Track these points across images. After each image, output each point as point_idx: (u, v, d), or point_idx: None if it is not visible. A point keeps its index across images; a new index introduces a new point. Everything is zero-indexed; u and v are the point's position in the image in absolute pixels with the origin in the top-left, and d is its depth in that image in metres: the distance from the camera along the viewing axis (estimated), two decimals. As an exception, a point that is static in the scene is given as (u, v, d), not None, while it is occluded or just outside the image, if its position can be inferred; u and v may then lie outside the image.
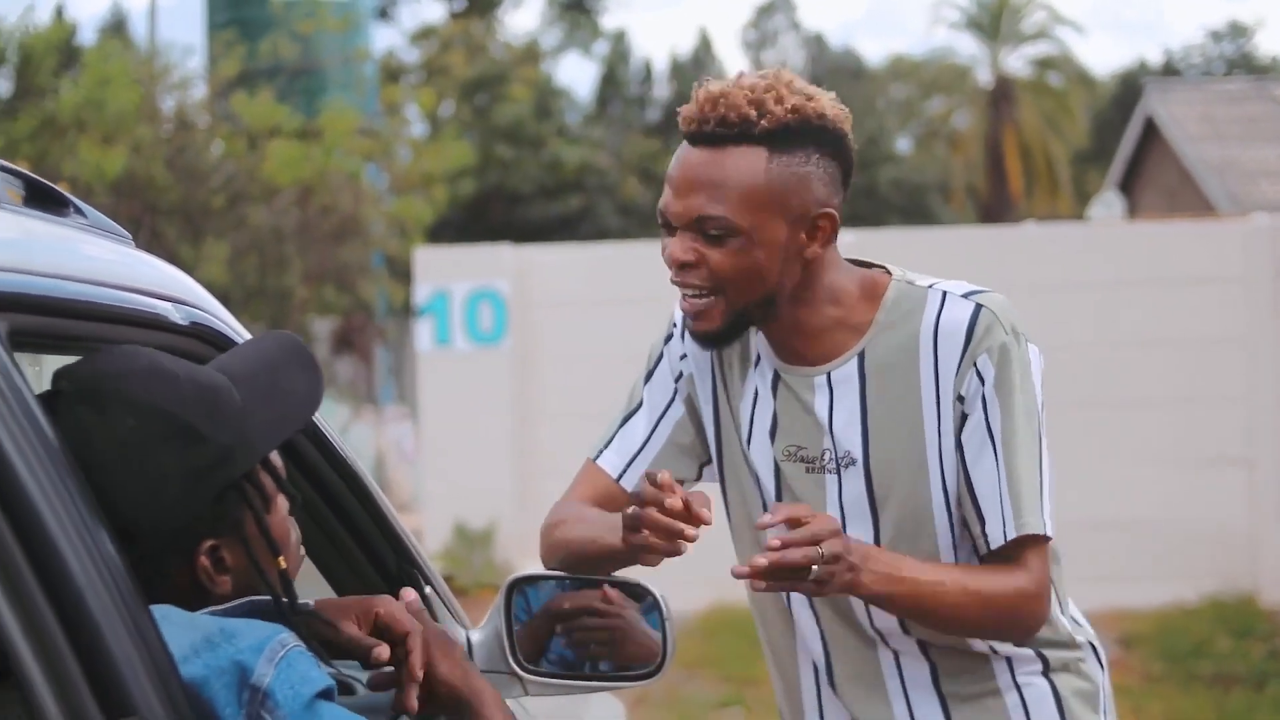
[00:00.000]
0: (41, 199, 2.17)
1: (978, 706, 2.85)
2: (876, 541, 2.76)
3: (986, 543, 2.73)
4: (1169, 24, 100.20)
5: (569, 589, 2.80)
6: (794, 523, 2.52)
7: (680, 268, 2.71)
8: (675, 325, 2.97)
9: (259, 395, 2.14)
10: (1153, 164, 27.31)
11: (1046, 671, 2.86)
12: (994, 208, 37.44)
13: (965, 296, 2.74)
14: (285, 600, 2.18)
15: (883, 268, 2.83)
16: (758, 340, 2.86)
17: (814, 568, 2.49)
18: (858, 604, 2.81)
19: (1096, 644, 2.97)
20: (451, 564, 13.08)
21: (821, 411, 2.78)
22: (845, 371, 2.77)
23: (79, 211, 2.24)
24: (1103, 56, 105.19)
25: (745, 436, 2.86)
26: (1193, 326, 12.73)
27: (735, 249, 2.66)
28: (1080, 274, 12.63)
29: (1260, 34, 76.06)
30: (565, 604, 2.80)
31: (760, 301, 2.71)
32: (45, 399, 1.99)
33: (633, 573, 2.74)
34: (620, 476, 2.94)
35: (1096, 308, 12.45)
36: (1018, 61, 41.70)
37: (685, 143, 2.71)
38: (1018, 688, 2.84)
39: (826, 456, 2.79)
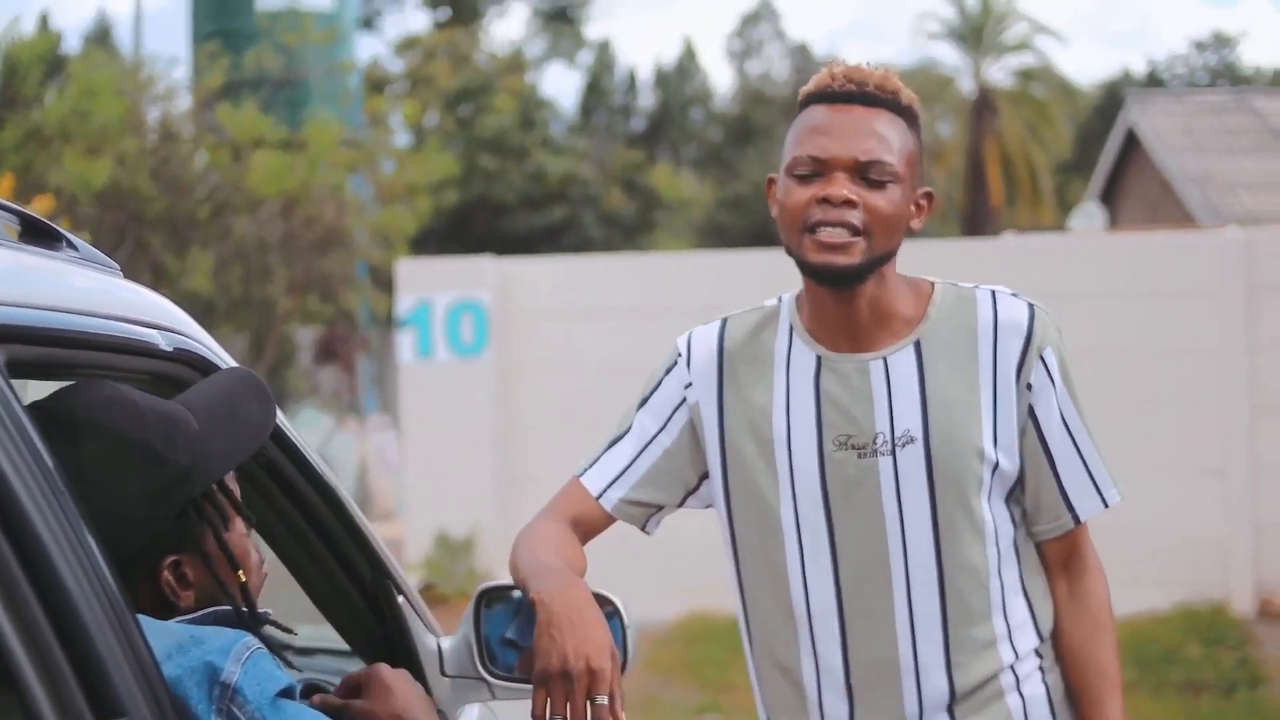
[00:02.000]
0: (35, 234, 2.29)
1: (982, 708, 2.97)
2: (934, 519, 2.91)
3: (1075, 518, 2.97)
4: (1155, 34, 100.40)
5: (523, 606, 2.91)
6: None
7: (842, 204, 2.84)
8: (680, 355, 3.07)
9: (215, 423, 2.31)
10: (1133, 175, 27.43)
11: (1041, 666, 3.01)
12: (975, 218, 37.52)
13: (1014, 296, 2.98)
14: (246, 610, 2.34)
15: (919, 277, 3.05)
16: (786, 339, 3.00)
17: None
18: (904, 644, 2.93)
19: None
20: (434, 572, 13.15)
21: (879, 392, 2.92)
22: (902, 356, 2.93)
23: (71, 245, 2.36)
24: (1088, 66, 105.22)
25: (784, 440, 2.96)
26: (1167, 337, 12.84)
27: (892, 194, 2.86)
28: (1055, 285, 12.73)
29: (1243, 44, 76.23)
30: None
31: (886, 255, 2.90)
32: None
33: (595, 582, 2.85)
34: (600, 496, 3.03)
35: (1071, 318, 12.55)
36: (1000, 72, 41.82)
37: (828, 103, 2.90)
38: (1019, 691, 2.97)
39: (880, 440, 2.91)
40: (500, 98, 36.48)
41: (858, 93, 2.88)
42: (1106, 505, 3.00)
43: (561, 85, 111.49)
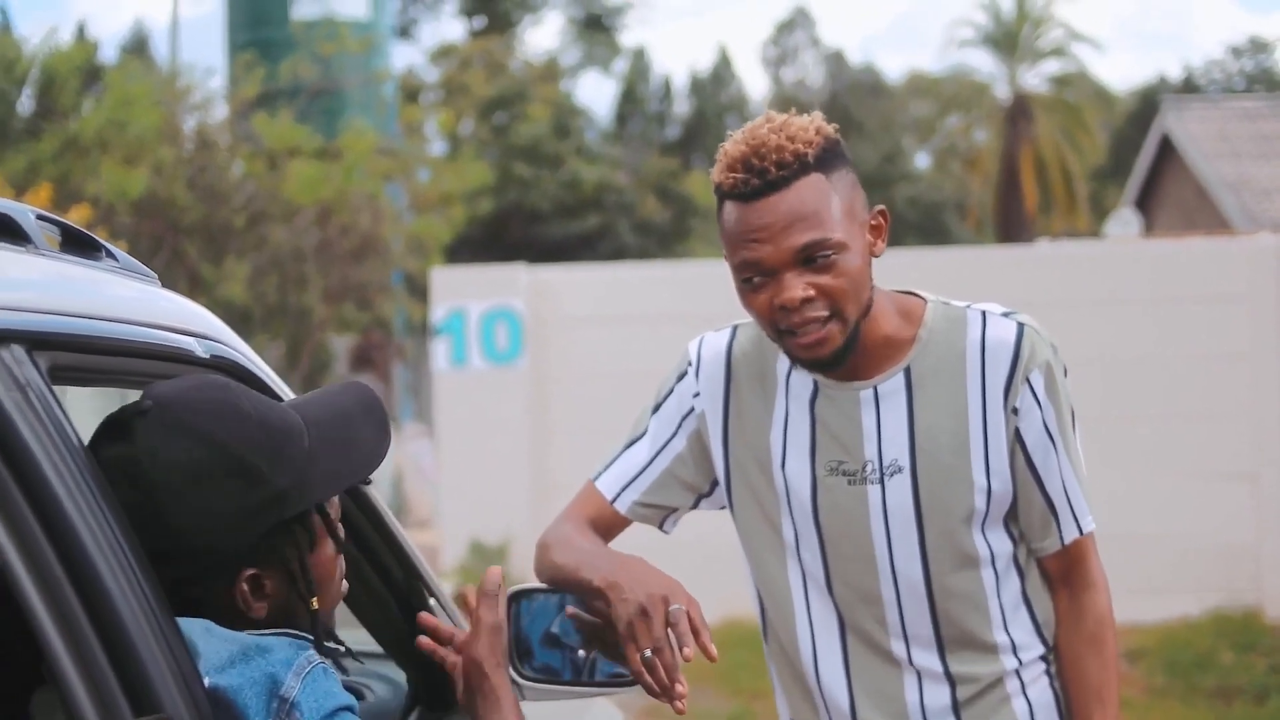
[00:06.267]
0: (76, 244, 2.35)
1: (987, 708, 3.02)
2: (922, 548, 2.94)
3: (1061, 539, 2.98)
4: (1191, 40, 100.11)
5: (565, 603, 2.96)
6: None
7: (802, 304, 2.80)
8: (690, 364, 3.11)
9: (327, 443, 2.27)
10: (1169, 181, 27.37)
11: (1048, 671, 3.05)
12: (1010, 225, 37.45)
13: (1005, 316, 2.95)
14: (314, 637, 2.29)
15: (911, 293, 3.02)
16: (787, 360, 3.01)
17: None
18: (896, 639, 2.99)
19: None
20: (468, 579, 13.19)
21: (869, 423, 2.95)
22: (892, 385, 2.95)
23: (110, 255, 2.42)
24: (1124, 72, 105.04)
25: (779, 460, 3.01)
26: (1199, 343, 12.83)
27: (843, 264, 2.80)
28: (1089, 292, 12.74)
29: (1280, 50, 75.90)
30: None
31: (863, 315, 2.87)
32: (129, 415, 2.17)
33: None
34: (615, 499, 3.11)
35: (1104, 325, 12.54)
36: (1035, 78, 41.77)
37: (741, 202, 2.81)
38: (1025, 696, 3.02)
39: (869, 469, 2.95)
40: (535, 106, 36.53)
41: (763, 184, 2.79)
42: (1082, 533, 2.99)
43: (596, 93, 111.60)
